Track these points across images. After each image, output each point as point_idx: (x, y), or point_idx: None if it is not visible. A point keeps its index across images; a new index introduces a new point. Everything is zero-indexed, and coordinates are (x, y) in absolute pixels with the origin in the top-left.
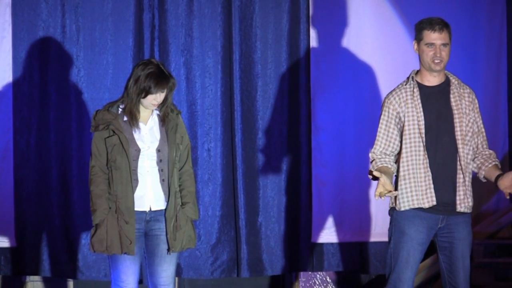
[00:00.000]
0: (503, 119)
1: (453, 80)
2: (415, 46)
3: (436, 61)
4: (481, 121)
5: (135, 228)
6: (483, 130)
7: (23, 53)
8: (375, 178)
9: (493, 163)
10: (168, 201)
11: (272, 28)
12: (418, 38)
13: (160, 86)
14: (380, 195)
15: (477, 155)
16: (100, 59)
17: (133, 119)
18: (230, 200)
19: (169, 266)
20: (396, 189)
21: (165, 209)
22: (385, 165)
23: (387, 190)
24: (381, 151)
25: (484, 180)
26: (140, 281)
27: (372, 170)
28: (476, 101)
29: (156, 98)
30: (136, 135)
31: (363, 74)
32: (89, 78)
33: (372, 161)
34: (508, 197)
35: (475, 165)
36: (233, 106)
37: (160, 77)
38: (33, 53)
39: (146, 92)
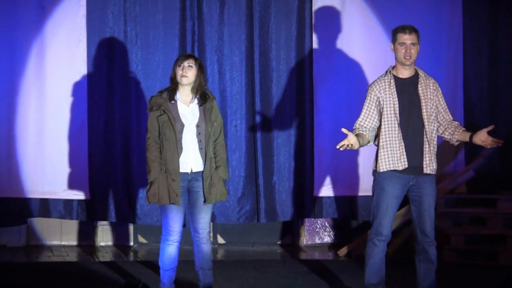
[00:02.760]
0: (460, 102)
1: (421, 74)
2: (392, 47)
3: (407, 57)
4: (445, 103)
5: (180, 185)
6: (447, 109)
7: (95, 52)
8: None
9: (462, 129)
10: (204, 165)
11: (284, 33)
12: (393, 40)
13: (184, 57)
14: (341, 147)
15: (447, 127)
16: (153, 57)
17: (174, 98)
18: (252, 164)
19: (206, 215)
20: (377, 156)
21: (202, 171)
22: (362, 132)
23: (350, 143)
24: (360, 124)
25: (456, 143)
26: (184, 226)
27: (344, 128)
28: (439, 88)
29: (183, 70)
30: (180, 114)
31: (353, 68)
32: (144, 71)
33: (354, 130)
34: (490, 146)
35: (447, 134)
36: (254, 93)
37: (186, 54)
38: (102, 52)
39: (175, 64)
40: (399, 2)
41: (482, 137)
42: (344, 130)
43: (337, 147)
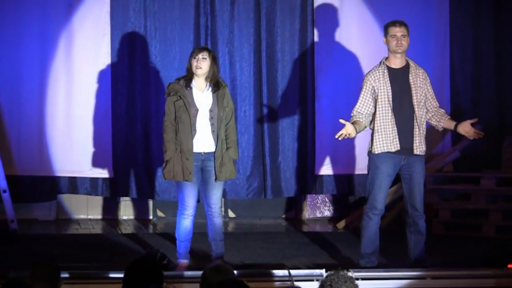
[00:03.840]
0: (447, 90)
1: (411, 64)
2: (384, 40)
3: (398, 46)
4: (432, 91)
5: (193, 165)
6: (434, 97)
7: (118, 44)
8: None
9: (448, 117)
10: (216, 146)
11: (288, 27)
12: (385, 33)
13: (198, 50)
14: (340, 136)
15: (433, 114)
16: (170, 49)
17: (189, 85)
18: (259, 146)
19: (217, 191)
20: (372, 138)
21: (214, 152)
22: (359, 119)
23: (347, 132)
24: (358, 111)
25: (441, 129)
26: (198, 201)
27: (342, 119)
28: (428, 78)
29: (197, 61)
30: (195, 100)
31: (350, 59)
32: (162, 62)
33: (352, 117)
34: (472, 138)
35: (434, 120)
36: (261, 82)
37: (200, 47)
38: (124, 44)
39: (191, 57)
40: (392, 0)
41: (466, 128)
42: (342, 120)
43: (336, 136)
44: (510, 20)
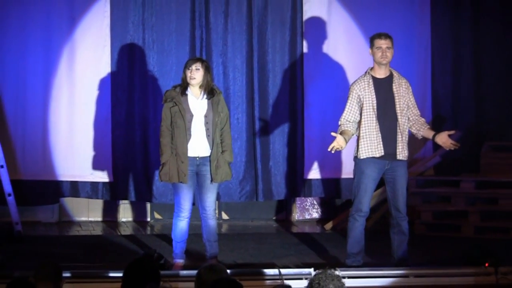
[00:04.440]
0: (428, 98)
1: (395, 74)
2: (370, 51)
3: (383, 57)
4: (414, 100)
5: (188, 166)
6: (416, 105)
7: (118, 55)
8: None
9: (427, 126)
10: (212, 150)
11: (279, 39)
12: (371, 45)
13: (192, 61)
14: (332, 149)
15: (414, 122)
16: (167, 60)
17: (184, 90)
18: (251, 151)
19: (212, 194)
20: (357, 144)
21: (210, 155)
22: (347, 129)
23: (338, 145)
24: (345, 119)
25: (421, 138)
26: (193, 204)
27: (337, 133)
28: (410, 87)
29: (191, 72)
30: (190, 106)
31: (337, 69)
32: (160, 72)
33: (340, 125)
34: (448, 149)
35: (414, 128)
36: (253, 91)
37: (193, 58)
38: (124, 55)
39: (185, 68)
40: (377, 13)
41: (443, 139)
42: (333, 133)
43: (328, 149)
44: (489, 31)
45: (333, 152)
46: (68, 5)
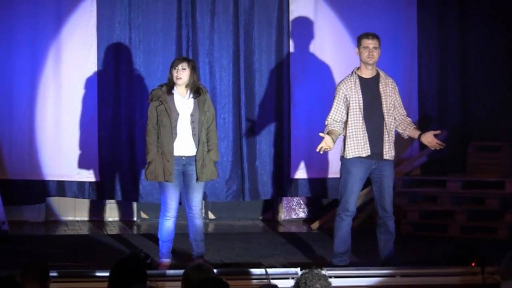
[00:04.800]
0: (415, 98)
1: (381, 74)
2: (357, 51)
3: (369, 57)
4: (400, 100)
5: (173, 165)
6: (402, 105)
7: (104, 55)
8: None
9: (413, 126)
10: (197, 149)
11: (265, 39)
12: (358, 45)
13: (178, 61)
14: (321, 149)
15: (400, 122)
16: (154, 60)
17: (170, 90)
18: (238, 151)
19: (198, 194)
20: (344, 144)
21: (196, 154)
22: (334, 129)
23: (327, 145)
24: (332, 119)
25: (407, 138)
26: (180, 203)
27: (324, 133)
28: (397, 87)
29: (177, 72)
30: (176, 105)
31: (324, 69)
32: (146, 71)
33: (327, 125)
34: (433, 148)
35: (400, 128)
36: (240, 90)
37: (180, 58)
38: (110, 55)
39: (171, 67)
40: (364, 13)
41: (429, 139)
42: (321, 134)
43: (317, 150)
44: (475, 31)
45: (321, 152)
46: (54, 5)
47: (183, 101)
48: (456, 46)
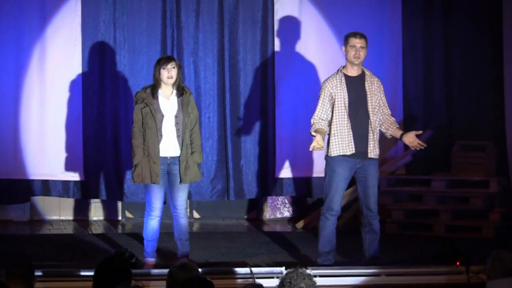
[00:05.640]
0: (399, 97)
1: (367, 73)
2: (344, 49)
3: (356, 57)
4: (385, 99)
5: (160, 168)
6: (386, 105)
7: (89, 54)
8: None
9: (396, 126)
10: (181, 150)
11: (250, 38)
12: (345, 43)
13: (166, 61)
14: (314, 148)
15: (384, 121)
16: (139, 59)
17: (155, 93)
18: (223, 150)
19: (183, 193)
20: (329, 142)
21: (179, 155)
22: (321, 127)
23: (319, 145)
24: (319, 117)
25: (389, 137)
26: (164, 203)
27: (312, 131)
28: (382, 86)
29: (168, 71)
30: (161, 106)
31: (308, 68)
32: (131, 71)
33: (313, 124)
34: (414, 149)
35: (383, 127)
36: (225, 89)
37: (165, 57)
38: (95, 54)
39: (159, 67)
40: (348, 12)
41: (410, 139)
42: (313, 133)
43: (310, 149)
44: (460, 31)
45: (315, 151)
46: (38, 4)
47: (167, 103)
48: (441, 46)
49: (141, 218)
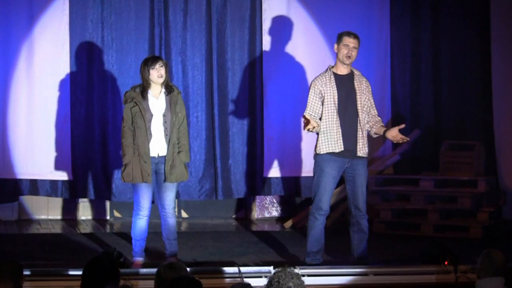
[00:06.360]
0: (388, 97)
1: (356, 72)
2: (336, 47)
3: (347, 56)
4: (373, 100)
5: (151, 166)
6: (374, 105)
7: (77, 54)
8: (307, 123)
9: (380, 124)
10: (167, 149)
11: (238, 38)
12: (338, 41)
13: (155, 61)
14: (309, 130)
15: (369, 120)
16: (127, 58)
17: (145, 93)
18: (211, 150)
19: (171, 193)
20: (317, 140)
21: (166, 154)
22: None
23: (314, 124)
24: (309, 114)
25: (374, 136)
26: (153, 202)
27: (305, 115)
28: (370, 87)
29: (158, 71)
30: (150, 106)
31: (296, 67)
32: (119, 70)
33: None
34: (396, 142)
35: (368, 126)
36: (213, 89)
37: (152, 57)
38: (83, 54)
39: (148, 67)
40: (336, 12)
41: (393, 133)
42: (306, 115)
43: (305, 130)
44: (448, 31)
45: (312, 131)
46: (26, 3)
47: (156, 102)
48: (429, 46)
49: (129, 217)
